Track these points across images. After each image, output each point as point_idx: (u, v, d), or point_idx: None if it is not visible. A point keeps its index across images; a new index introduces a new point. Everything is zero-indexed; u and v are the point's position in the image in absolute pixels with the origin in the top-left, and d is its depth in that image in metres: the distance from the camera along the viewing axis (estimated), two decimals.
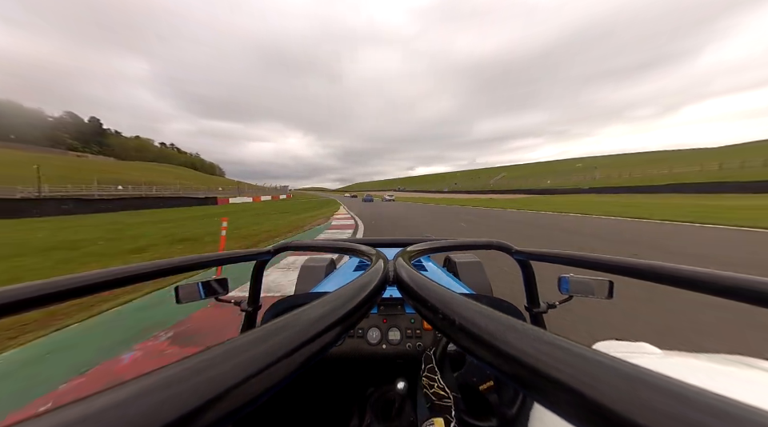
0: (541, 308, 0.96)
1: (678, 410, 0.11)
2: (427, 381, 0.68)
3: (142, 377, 0.13)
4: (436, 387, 0.65)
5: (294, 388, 0.92)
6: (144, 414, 0.11)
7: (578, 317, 2.78)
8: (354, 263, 1.65)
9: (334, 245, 0.78)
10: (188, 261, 0.62)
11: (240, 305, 1.00)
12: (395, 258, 0.47)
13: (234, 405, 0.14)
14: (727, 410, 0.10)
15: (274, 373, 0.17)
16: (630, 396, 0.12)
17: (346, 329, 0.25)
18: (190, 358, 0.15)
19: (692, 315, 2.85)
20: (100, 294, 0.87)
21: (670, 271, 0.47)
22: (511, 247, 0.85)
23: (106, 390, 0.12)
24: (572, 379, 0.14)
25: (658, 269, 0.49)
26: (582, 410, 0.13)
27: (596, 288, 0.80)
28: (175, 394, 0.12)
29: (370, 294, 0.31)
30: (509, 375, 0.17)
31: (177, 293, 0.83)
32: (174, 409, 0.12)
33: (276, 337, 0.19)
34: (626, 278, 0.56)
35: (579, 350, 0.15)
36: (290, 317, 0.22)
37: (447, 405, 0.63)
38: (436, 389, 0.65)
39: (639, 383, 0.12)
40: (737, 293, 0.39)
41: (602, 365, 0.14)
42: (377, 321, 0.92)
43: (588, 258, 0.63)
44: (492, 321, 0.20)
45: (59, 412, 0.11)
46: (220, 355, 0.16)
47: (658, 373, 0.13)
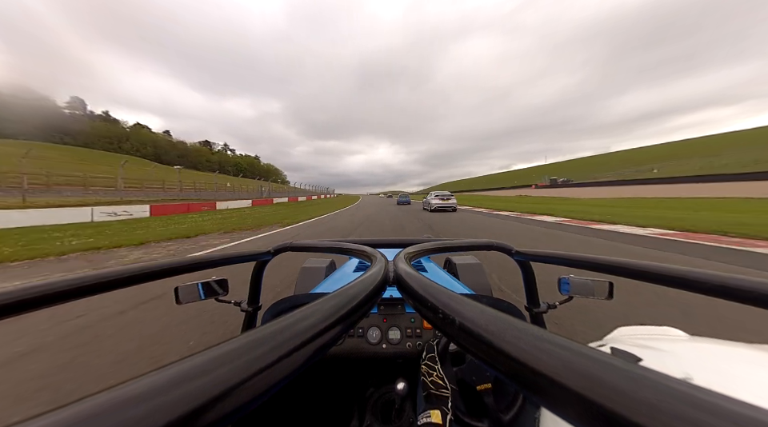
0: (541, 308, 0.96)
1: (681, 410, 0.10)
2: (427, 368, 0.68)
3: (141, 377, 0.13)
4: (435, 376, 0.66)
5: (294, 388, 0.92)
6: (144, 414, 0.11)
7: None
8: (354, 264, 1.65)
9: (334, 245, 0.78)
10: (188, 261, 0.62)
11: (240, 306, 1.00)
12: (395, 259, 0.47)
13: (234, 405, 0.14)
14: (732, 409, 0.10)
15: (274, 372, 0.17)
16: (629, 395, 0.12)
17: (346, 328, 0.25)
18: (189, 358, 0.15)
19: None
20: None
21: (670, 272, 0.47)
22: (511, 248, 0.85)
23: (106, 390, 0.12)
24: (572, 379, 0.14)
25: (658, 270, 0.49)
26: (582, 410, 0.13)
27: (596, 289, 0.80)
28: (175, 394, 0.12)
29: (370, 294, 0.31)
30: (509, 375, 0.17)
31: (177, 293, 0.83)
32: (174, 409, 0.12)
33: (276, 337, 0.19)
34: (625, 279, 0.56)
35: (580, 350, 0.15)
36: (290, 317, 0.22)
37: (445, 395, 0.63)
38: (435, 378, 0.65)
39: (639, 382, 0.12)
40: (737, 294, 0.39)
41: (603, 365, 0.14)
42: (377, 321, 0.92)
43: (588, 259, 0.63)
44: (492, 320, 0.20)
45: (59, 412, 0.11)
46: (220, 355, 0.16)
47: (661, 372, 0.12)
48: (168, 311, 2.95)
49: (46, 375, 1.97)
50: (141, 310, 3.05)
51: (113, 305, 3.13)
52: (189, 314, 2.81)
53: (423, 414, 0.59)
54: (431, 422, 0.57)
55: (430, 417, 0.58)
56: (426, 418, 0.58)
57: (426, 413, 0.59)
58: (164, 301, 3.25)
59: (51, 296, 0.38)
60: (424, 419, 0.58)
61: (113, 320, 2.80)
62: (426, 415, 0.58)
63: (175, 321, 2.75)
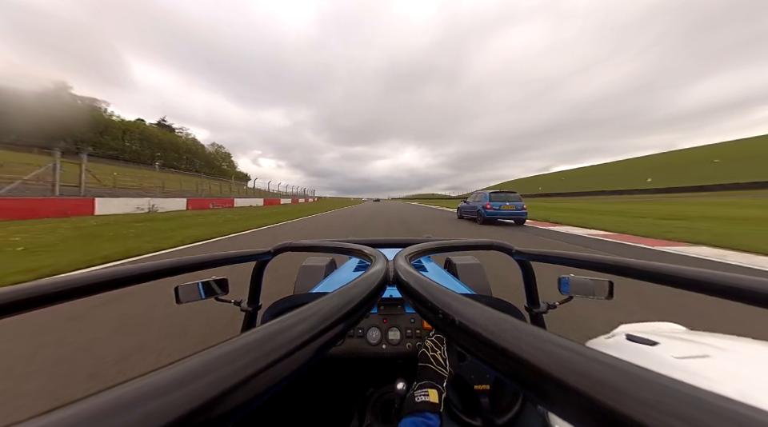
0: (541, 308, 0.96)
1: (681, 410, 0.11)
2: (431, 344, 0.68)
3: (141, 377, 0.13)
4: (438, 354, 0.66)
5: (294, 388, 0.92)
6: (144, 414, 0.11)
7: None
8: (354, 263, 1.65)
9: (334, 245, 0.78)
10: (188, 261, 0.62)
11: (240, 305, 1.00)
12: (395, 258, 0.47)
13: (233, 406, 0.14)
14: (731, 409, 0.10)
15: (274, 373, 0.17)
16: (630, 395, 0.12)
17: (345, 329, 0.25)
18: (189, 358, 0.15)
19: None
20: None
21: (670, 271, 0.47)
22: (511, 248, 0.85)
23: (106, 390, 0.12)
24: (572, 379, 0.14)
25: (658, 269, 0.49)
26: (583, 410, 0.13)
27: (596, 288, 0.80)
28: (175, 394, 0.12)
29: (370, 294, 0.31)
30: (509, 375, 0.17)
31: (177, 293, 0.83)
32: (174, 410, 0.12)
33: (276, 337, 0.19)
34: (625, 279, 0.55)
35: (580, 350, 0.15)
36: (289, 317, 0.22)
37: (443, 374, 0.64)
38: (438, 356, 0.66)
39: (639, 382, 0.12)
40: (737, 294, 0.39)
41: (603, 365, 0.14)
42: (377, 321, 0.92)
43: (588, 259, 0.63)
44: (492, 320, 0.20)
45: (59, 412, 0.11)
46: (219, 355, 0.16)
47: (659, 373, 0.12)
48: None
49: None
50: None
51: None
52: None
53: (421, 391, 0.59)
54: (428, 401, 0.57)
55: (428, 395, 0.58)
56: (423, 397, 0.58)
57: (424, 391, 0.59)
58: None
59: (52, 295, 0.38)
60: (422, 397, 0.58)
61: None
62: (424, 393, 0.59)
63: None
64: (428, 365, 0.65)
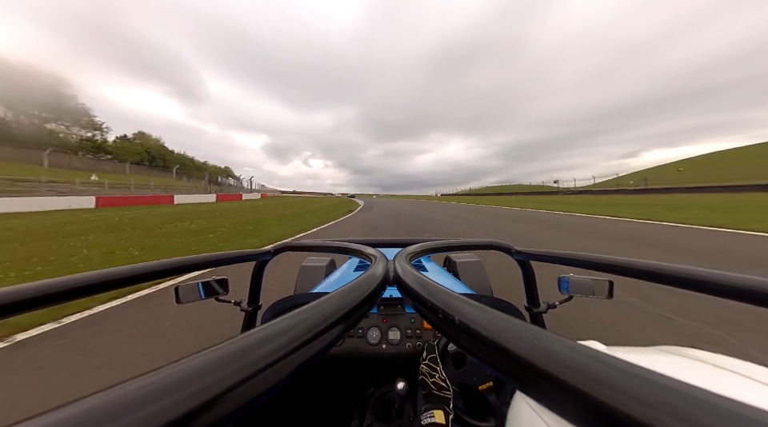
0: (541, 308, 0.96)
1: (681, 410, 0.11)
2: (428, 369, 0.68)
3: (141, 377, 0.13)
4: (437, 377, 0.65)
5: (294, 388, 0.92)
6: (144, 415, 0.11)
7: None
8: (355, 263, 1.65)
9: (334, 245, 0.78)
10: (188, 261, 0.62)
11: (240, 305, 1.00)
12: (395, 258, 0.47)
13: (233, 406, 0.14)
14: (730, 409, 0.10)
15: (274, 373, 0.17)
16: (628, 394, 0.12)
17: (345, 329, 0.25)
18: (189, 358, 0.15)
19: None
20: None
21: (670, 271, 0.47)
22: (511, 247, 0.85)
23: (106, 390, 0.12)
24: (572, 378, 0.14)
25: (658, 269, 0.49)
26: (581, 409, 0.13)
27: (596, 288, 0.80)
28: (175, 394, 0.12)
29: (370, 294, 0.31)
30: (508, 374, 0.17)
31: (177, 293, 0.83)
32: (174, 409, 0.12)
33: (276, 337, 0.19)
34: (625, 278, 0.55)
35: (579, 349, 0.15)
36: (289, 317, 0.22)
37: (447, 396, 0.63)
38: (436, 379, 0.65)
39: (638, 381, 0.12)
40: (737, 293, 0.38)
41: (602, 364, 0.14)
42: (377, 321, 0.92)
43: (588, 258, 0.63)
44: (492, 320, 0.20)
45: (59, 412, 0.11)
46: (219, 355, 0.16)
47: (658, 372, 0.13)
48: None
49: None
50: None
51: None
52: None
53: (426, 414, 0.59)
54: (435, 422, 0.56)
55: (434, 417, 0.57)
56: (429, 418, 0.58)
57: (429, 413, 0.59)
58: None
59: (52, 295, 0.38)
60: (428, 419, 0.58)
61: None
62: (430, 415, 0.58)
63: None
64: (430, 391, 0.64)
